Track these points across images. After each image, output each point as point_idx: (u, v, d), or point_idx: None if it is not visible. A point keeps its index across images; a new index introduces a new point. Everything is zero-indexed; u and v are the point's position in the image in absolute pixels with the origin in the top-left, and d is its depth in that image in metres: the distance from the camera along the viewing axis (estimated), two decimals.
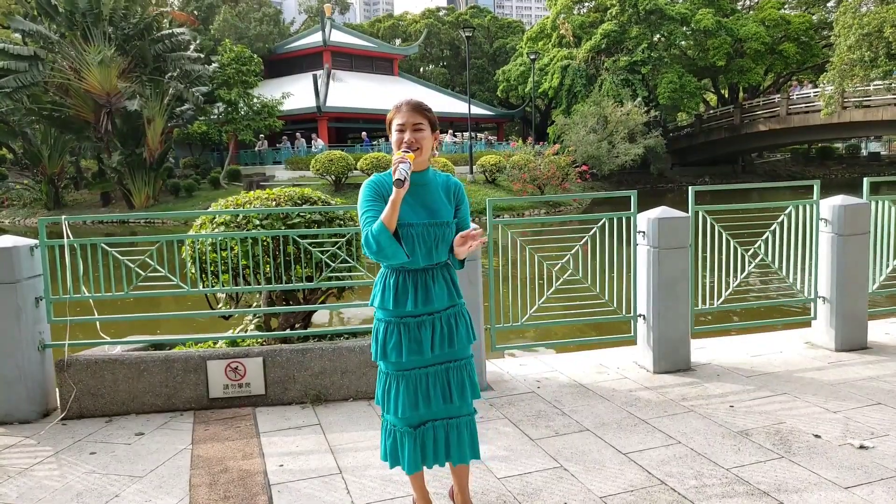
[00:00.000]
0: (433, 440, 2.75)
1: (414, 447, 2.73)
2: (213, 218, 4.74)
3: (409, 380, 2.68)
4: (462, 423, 2.77)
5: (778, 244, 5.25)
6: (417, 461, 2.76)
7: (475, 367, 2.83)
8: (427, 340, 2.65)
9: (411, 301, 2.62)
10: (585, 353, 5.49)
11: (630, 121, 35.07)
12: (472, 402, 2.80)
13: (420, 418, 2.73)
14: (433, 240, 2.61)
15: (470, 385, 2.77)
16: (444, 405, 2.71)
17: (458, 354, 2.75)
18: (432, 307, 2.66)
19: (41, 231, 4.44)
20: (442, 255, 2.66)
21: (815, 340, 5.45)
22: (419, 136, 2.60)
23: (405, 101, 2.67)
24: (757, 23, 39.50)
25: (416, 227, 2.57)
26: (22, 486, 3.41)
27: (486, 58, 54.58)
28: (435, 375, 2.70)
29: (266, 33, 45.05)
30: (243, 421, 4.20)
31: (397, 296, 2.63)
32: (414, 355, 2.66)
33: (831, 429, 3.80)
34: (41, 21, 28.04)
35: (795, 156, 49.02)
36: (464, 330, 2.74)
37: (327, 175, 26.76)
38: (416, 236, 2.57)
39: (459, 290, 2.75)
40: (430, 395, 2.69)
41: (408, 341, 2.64)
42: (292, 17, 64.19)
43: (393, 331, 2.65)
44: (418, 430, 2.73)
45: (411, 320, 2.65)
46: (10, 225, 28.79)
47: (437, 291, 2.65)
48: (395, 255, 2.53)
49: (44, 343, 4.38)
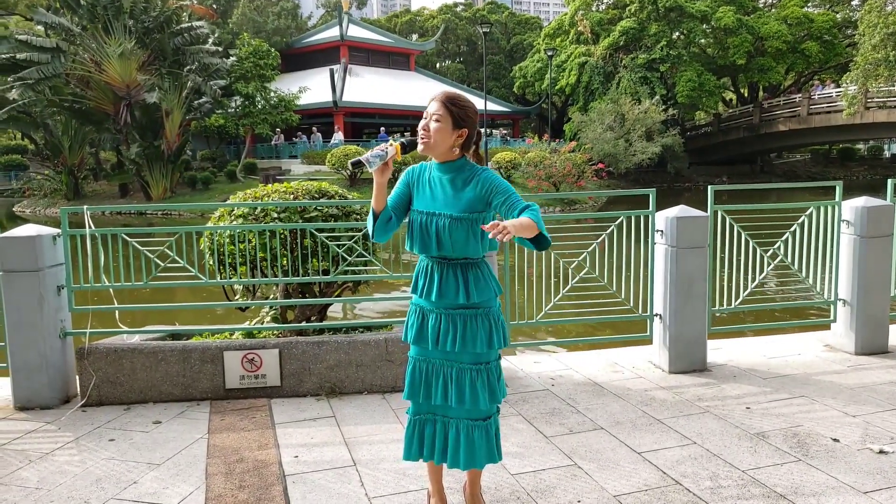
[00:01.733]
0: (432, 434, 2.77)
1: (412, 435, 2.78)
2: (232, 210, 4.77)
3: (416, 365, 2.75)
4: (462, 427, 2.70)
5: (798, 245, 5.20)
6: (413, 450, 2.79)
7: (495, 373, 2.73)
8: (433, 333, 2.67)
9: (420, 288, 2.72)
10: (600, 352, 5.47)
11: (648, 119, 34.82)
12: (480, 409, 2.70)
13: (419, 408, 2.78)
14: (433, 231, 2.60)
15: (472, 392, 2.66)
16: (443, 402, 2.70)
17: (470, 358, 2.67)
18: (438, 300, 2.66)
19: (63, 220, 4.49)
20: (448, 250, 2.60)
21: (835, 343, 5.39)
22: (434, 128, 2.59)
23: (441, 92, 2.70)
24: (779, 21, 39.06)
25: (421, 215, 2.64)
26: (43, 470, 3.46)
27: (503, 54, 54.42)
28: (440, 370, 2.70)
29: (284, 27, 45.20)
30: (259, 412, 4.23)
31: (416, 281, 2.73)
32: (422, 343, 2.72)
33: (850, 433, 3.77)
34: (63, 13, 28.30)
35: (816, 156, 48.46)
36: (474, 334, 2.64)
37: (343, 170, 26.83)
38: (418, 224, 2.64)
39: (478, 294, 2.64)
40: (431, 387, 2.71)
41: (418, 327, 2.73)
42: (310, 12, 64.30)
43: (412, 313, 2.77)
44: (417, 417, 2.78)
45: (424, 308, 2.73)
46: (31, 214, 29.14)
47: (444, 287, 2.64)
48: (375, 234, 2.70)
49: (65, 331, 4.44)
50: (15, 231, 4.33)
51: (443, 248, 2.62)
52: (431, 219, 2.61)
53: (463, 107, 2.61)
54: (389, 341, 4.51)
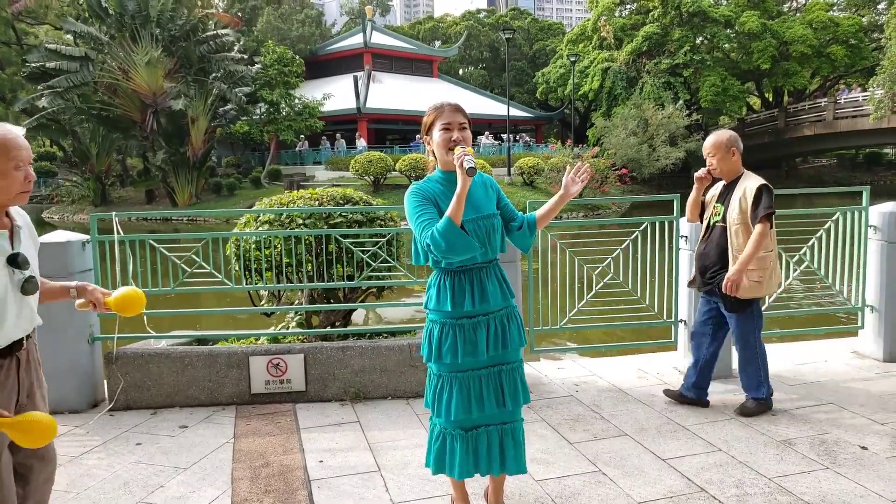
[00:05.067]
0: (486, 445, 2.73)
1: (466, 452, 2.71)
2: (258, 216, 4.82)
3: (462, 382, 2.67)
4: (517, 429, 2.78)
5: (825, 251, 5.13)
6: (469, 467, 2.73)
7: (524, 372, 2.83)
8: (482, 341, 2.65)
9: (468, 301, 2.63)
10: (625, 358, 5.44)
11: (671, 124, 34.56)
12: (520, 409, 2.79)
13: (473, 422, 2.71)
14: (484, 233, 2.64)
15: (522, 389, 2.77)
16: (497, 409, 2.70)
17: (511, 357, 2.74)
18: (488, 307, 2.66)
19: (92, 227, 4.57)
20: (495, 249, 2.70)
21: (863, 350, 5.31)
22: (466, 135, 2.64)
23: (445, 102, 2.71)
24: (804, 25, 38.57)
25: (469, 224, 2.59)
26: (72, 473, 3.52)
27: (526, 60, 54.39)
28: (488, 378, 2.69)
29: (308, 35, 45.58)
30: (284, 417, 4.27)
31: (454, 296, 2.63)
32: (469, 357, 2.64)
33: (879, 441, 3.71)
34: (92, 23, 28.86)
35: (842, 161, 47.71)
36: (516, 331, 2.74)
37: (366, 176, 26.97)
38: (471, 232, 2.59)
39: (512, 291, 2.76)
40: (483, 398, 2.68)
41: (463, 342, 2.64)
42: (334, 19, 64.94)
43: (448, 332, 2.65)
44: (470, 433, 2.71)
45: (467, 321, 2.65)
46: (59, 220, 29.67)
47: (491, 290, 2.67)
48: (466, 248, 2.49)
49: (93, 336, 4.51)
50: (45, 237, 4.41)
51: (493, 249, 2.69)
52: (479, 223, 2.64)
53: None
54: (413, 347, 4.53)
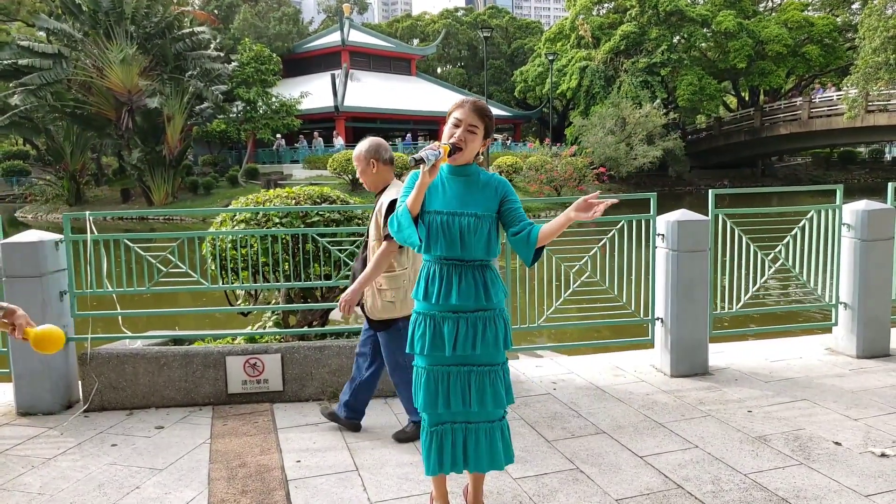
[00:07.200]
0: (451, 443, 2.74)
1: (430, 447, 2.74)
2: (234, 215, 4.78)
3: (430, 375, 2.71)
4: (481, 430, 2.75)
5: (799, 249, 5.20)
6: (435, 464, 2.75)
7: (508, 373, 2.78)
8: (449, 338, 2.65)
9: (434, 294, 2.65)
10: (602, 356, 5.47)
11: (649, 123, 34.86)
12: (498, 410, 2.75)
13: (439, 418, 2.74)
14: (457, 230, 2.61)
15: (493, 393, 2.70)
16: (462, 408, 2.70)
17: (483, 360, 2.70)
18: (454, 304, 2.64)
19: (66, 226, 4.51)
20: (470, 251, 2.63)
21: (836, 347, 5.39)
22: (469, 138, 2.63)
23: (472, 100, 2.70)
24: (779, 24, 39.13)
25: (440, 215, 2.60)
26: (45, 476, 3.46)
27: (504, 58, 54.50)
28: (457, 376, 2.69)
29: (285, 33, 45.27)
30: (261, 417, 4.24)
31: (427, 288, 2.68)
32: (437, 351, 2.67)
33: (852, 436, 3.77)
34: (65, 19, 28.39)
35: (817, 160, 48.45)
36: (492, 336, 2.68)
37: (344, 174, 26.85)
38: (438, 224, 2.60)
39: (494, 295, 2.69)
40: (449, 395, 2.69)
41: (432, 336, 2.67)
42: (311, 17, 64.57)
43: (420, 322, 2.70)
44: (435, 429, 2.74)
45: (436, 314, 2.67)
46: (33, 220, 29.20)
47: (462, 289, 2.64)
48: (409, 237, 2.58)
49: (67, 336, 4.44)
50: (17, 237, 4.35)
51: (465, 248, 2.63)
52: (454, 218, 2.61)
53: (492, 118, 2.72)
54: None
